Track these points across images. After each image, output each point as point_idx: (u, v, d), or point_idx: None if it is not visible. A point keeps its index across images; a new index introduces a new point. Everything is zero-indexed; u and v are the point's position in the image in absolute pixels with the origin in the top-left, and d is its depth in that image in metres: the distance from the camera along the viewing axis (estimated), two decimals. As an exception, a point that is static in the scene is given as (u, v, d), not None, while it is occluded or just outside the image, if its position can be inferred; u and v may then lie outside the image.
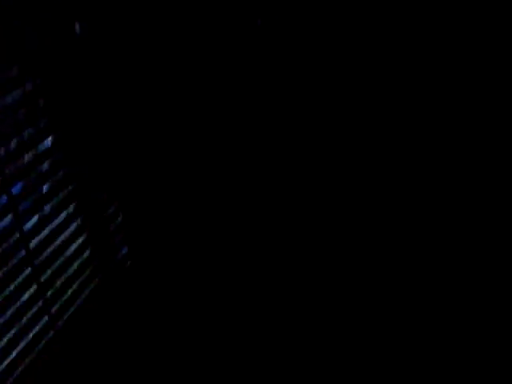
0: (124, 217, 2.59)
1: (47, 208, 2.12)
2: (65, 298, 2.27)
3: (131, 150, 2.48)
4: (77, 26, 1.83)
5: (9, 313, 2.01)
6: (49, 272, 2.31)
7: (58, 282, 2.22)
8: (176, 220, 2.65)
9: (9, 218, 1.84)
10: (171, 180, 2.60)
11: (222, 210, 2.49)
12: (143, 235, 2.72)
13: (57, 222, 2.15)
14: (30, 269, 2.02)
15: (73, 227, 2.25)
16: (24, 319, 2.04)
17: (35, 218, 2.09)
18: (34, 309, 2.08)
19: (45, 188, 2.07)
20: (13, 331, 2.02)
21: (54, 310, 2.19)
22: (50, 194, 2.03)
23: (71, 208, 2.22)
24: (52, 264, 2.11)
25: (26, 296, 2.05)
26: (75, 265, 2.41)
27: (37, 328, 2.12)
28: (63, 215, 2.18)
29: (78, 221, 2.28)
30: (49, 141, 1.98)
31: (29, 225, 2.09)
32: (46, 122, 1.94)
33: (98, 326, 2.44)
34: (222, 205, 2.47)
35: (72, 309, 2.30)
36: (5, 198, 1.73)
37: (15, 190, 1.95)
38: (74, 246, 2.33)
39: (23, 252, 1.97)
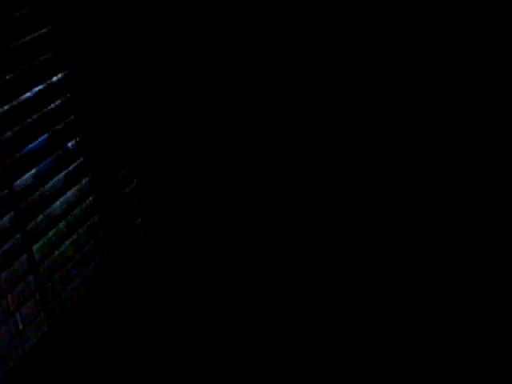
0: (139, 182, 2.21)
1: (48, 161, 1.74)
2: (66, 270, 1.90)
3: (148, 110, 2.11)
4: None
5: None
6: (49, 234, 1.92)
7: (60, 249, 1.84)
8: (193, 193, 2.31)
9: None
10: (189, 151, 2.26)
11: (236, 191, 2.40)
12: (158, 206, 2.34)
13: (60, 177, 1.77)
14: (19, 234, 1.65)
15: (80, 185, 1.87)
16: (15, 291, 1.67)
17: (33, 171, 1.71)
18: (27, 279, 1.70)
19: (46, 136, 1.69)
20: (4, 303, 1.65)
21: (51, 284, 1.81)
22: (53, 144, 1.66)
23: (79, 162, 1.84)
24: (54, 224, 1.74)
25: (17, 265, 1.68)
26: (82, 229, 2.04)
27: (34, 307, 1.74)
28: (68, 170, 1.80)
29: (87, 179, 1.90)
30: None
31: (28, 178, 1.71)
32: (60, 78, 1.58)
33: (104, 302, 2.05)
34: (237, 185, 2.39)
35: (77, 281, 1.92)
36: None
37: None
38: (81, 207, 1.95)
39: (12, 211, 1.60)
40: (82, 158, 1.90)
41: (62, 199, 1.89)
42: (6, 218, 1.66)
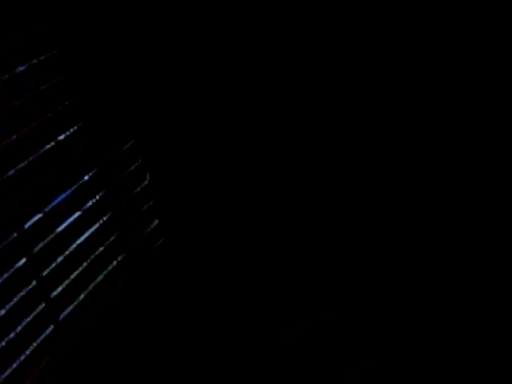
0: (152, 177, 2.02)
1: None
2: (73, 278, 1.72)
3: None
4: None
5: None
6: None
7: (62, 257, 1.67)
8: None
9: None
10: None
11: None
12: (176, 203, 2.14)
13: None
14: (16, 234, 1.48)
15: (86, 178, 1.70)
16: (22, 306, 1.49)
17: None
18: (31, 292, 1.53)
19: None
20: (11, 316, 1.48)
21: (54, 294, 1.63)
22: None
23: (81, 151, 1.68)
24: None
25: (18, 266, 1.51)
26: (88, 233, 1.87)
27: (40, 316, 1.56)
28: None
29: (91, 172, 1.73)
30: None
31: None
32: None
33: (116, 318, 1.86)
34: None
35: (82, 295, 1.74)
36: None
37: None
38: (87, 205, 1.78)
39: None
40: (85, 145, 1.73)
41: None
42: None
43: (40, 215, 1.63)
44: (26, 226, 1.57)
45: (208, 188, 2.24)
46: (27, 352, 1.53)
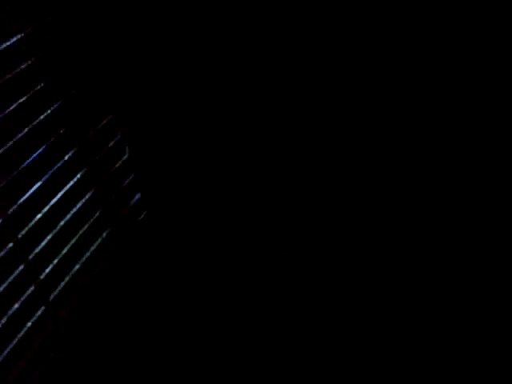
0: (131, 151, 1.99)
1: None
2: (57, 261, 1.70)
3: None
4: None
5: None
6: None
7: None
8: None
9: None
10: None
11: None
12: (156, 175, 2.11)
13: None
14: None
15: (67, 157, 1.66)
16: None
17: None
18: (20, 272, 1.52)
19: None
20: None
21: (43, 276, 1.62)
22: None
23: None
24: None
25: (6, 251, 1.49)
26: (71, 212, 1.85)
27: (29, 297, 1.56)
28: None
29: (74, 150, 1.69)
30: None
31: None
32: None
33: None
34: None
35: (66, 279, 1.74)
36: None
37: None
38: (69, 184, 1.74)
39: None
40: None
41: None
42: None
43: (22, 199, 1.59)
44: (10, 211, 1.53)
45: (187, 157, 2.22)
46: (20, 334, 1.54)
